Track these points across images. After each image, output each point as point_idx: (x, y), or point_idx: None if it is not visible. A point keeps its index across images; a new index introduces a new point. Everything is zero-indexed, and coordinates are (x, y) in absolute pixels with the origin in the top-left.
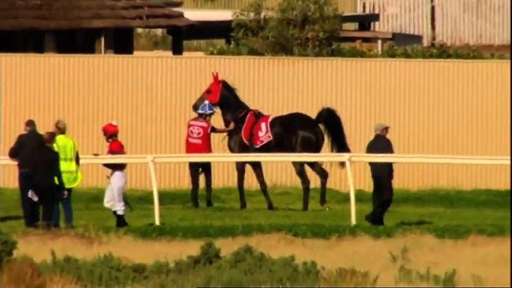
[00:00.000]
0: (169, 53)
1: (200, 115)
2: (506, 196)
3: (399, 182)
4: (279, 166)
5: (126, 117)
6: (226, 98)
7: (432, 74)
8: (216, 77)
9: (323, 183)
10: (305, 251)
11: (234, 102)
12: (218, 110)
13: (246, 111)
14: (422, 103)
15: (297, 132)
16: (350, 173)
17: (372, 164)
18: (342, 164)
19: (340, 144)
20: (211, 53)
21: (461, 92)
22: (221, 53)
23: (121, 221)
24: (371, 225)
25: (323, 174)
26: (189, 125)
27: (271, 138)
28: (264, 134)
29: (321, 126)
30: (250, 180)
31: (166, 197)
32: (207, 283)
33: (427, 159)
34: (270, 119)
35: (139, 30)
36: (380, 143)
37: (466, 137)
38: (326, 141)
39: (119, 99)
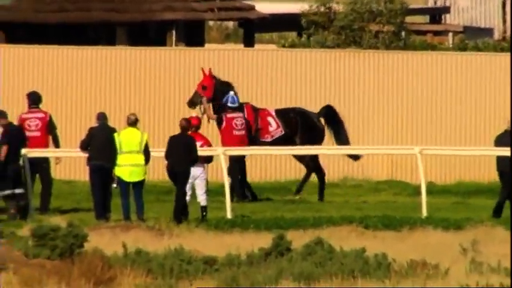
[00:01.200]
0: (241, 46)
1: (234, 108)
2: None
3: (470, 175)
4: (351, 159)
5: (196, 110)
6: (221, 93)
7: (503, 67)
8: (209, 73)
9: (308, 176)
10: (376, 243)
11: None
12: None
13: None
14: (492, 96)
15: (302, 126)
16: (421, 165)
17: (498, 158)
18: (355, 157)
19: (340, 139)
20: (283, 46)
21: None
22: (292, 45)
23: (205, 212)
24: (442, 217)
25: (310, 168)
26: (231, 118)
27: (283, 132)
28: (276, 128)
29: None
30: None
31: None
32: (278, 275)
33: (498, 151)
34: (273, 113)
35: (211, 22)
36: (506, 138)
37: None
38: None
39: (191, 91)
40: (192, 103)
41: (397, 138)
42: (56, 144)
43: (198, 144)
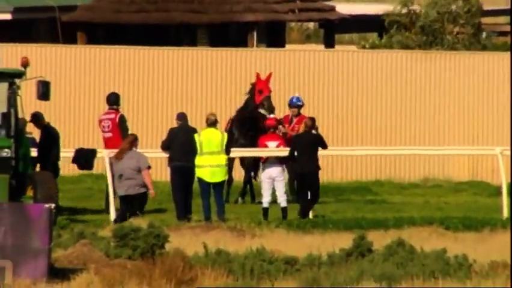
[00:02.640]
0: (321, 47)
1: (299, 107)
2: None
3: None
4: (431, 160)
5: (278, 111)
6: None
7: None
8: (267, 77)
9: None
10: (457, 244)
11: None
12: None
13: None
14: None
15: None
16: (502, 166)
17: None
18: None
19: None
20: (364, 47)
21: None
22: (373, 47)
23: (286, 213)
24: None
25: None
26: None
27: None
28: None
29: None
30: (403, 173)
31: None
32: (359, 276)
33: None
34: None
35: (291, 23)
36: None
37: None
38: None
39: (272, 93)
40: (272, 108)
41: (478, 138)
42: None
43: (274, 144)
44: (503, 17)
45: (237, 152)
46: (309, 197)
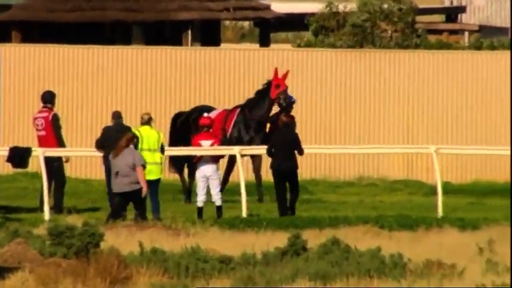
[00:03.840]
0: (256, 45)
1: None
2: None
3: (486, 174)
4: (366, 158)
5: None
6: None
7: None
8: (285, 75)
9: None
10: (392, 243)
11: None
12: None
13: None
14: (507, 95)
15: None
16: (437, 164)
17: None
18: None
19: None
20: (299, 46)
21: None
22: (308, 45)
23: (221, 212)
24: (457, 217)
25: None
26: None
27: None
28: None
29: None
30: (338, 172)
31: (253, 189)
32: (294, 275)
33: None
34: None
35: (226, 22)
36: None
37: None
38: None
39: (206, 91)
40: (291, 102)
41: (412, 137)
42: (59, 144)
43: (208, 143)
44: (437, 15)
45: (169, 151)
46: (288, 193)
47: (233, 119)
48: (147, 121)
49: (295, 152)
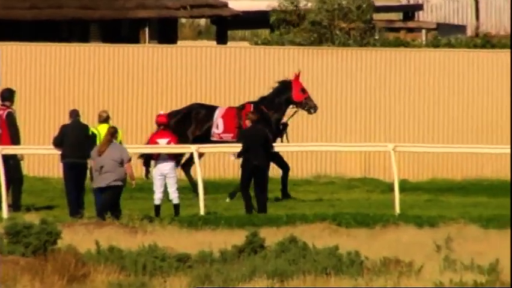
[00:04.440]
0: (214, 43)
1: None
2: None
3: (443, 172)
4: (324, 156)
5: (170, 108)
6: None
7: (476, 64)
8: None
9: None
10: (349, 241)
11: None
12: None
13: None
14: (465, 93)
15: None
16: (394, 162)
17: None
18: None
19: None
20: (256, 43)
21: (505, 82)
22: (265, 43)
23: (178, 210)
24: (415, 214)
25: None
26: None
27: None
28: None
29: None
30: (295, 169)
31: (211, 187)
32: (251, 273)
33: (471, 149)
34: None
35: (183, 20)
36: None
37: (510, 126)
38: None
39: (163, 89)
40: (316, 107)
41: (370, 135)
42: (13, 142)
43: (165, 141)
44: (394, 13)
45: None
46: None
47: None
48: (105, 119)
49: (267, 149)
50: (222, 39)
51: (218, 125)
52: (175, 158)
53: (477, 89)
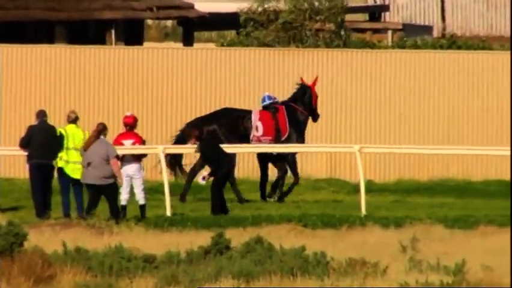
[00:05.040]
0: (180, 45)
1: (265, 108)
2: None
3: (409, 173)
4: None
5: (136, 108)
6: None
7: (441, 65)
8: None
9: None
10: (315, 242)
11: None
12: None
13: None
14: (431, 94)
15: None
16: (360, 163)
17: None
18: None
19: None
20: (222, 45)
21: (471, 83)
22: (231, 44)
23: (144, 211)
24: (381, 215)
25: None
26: None
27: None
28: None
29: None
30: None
31: (177, 188)
32: (217, 273)
33: (437, 150)
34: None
35: (149, 21)
36: None
37: (476, 127)
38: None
39: (130, 90)
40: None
41: (337, 136)
42: None
43: (130, 142)
44: (360, 15)
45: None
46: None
47: (284, 118)
48: (73, 120)
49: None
50: (188, 40)
51: (258, 127)
52: (140, 159)
53: (443, 90)
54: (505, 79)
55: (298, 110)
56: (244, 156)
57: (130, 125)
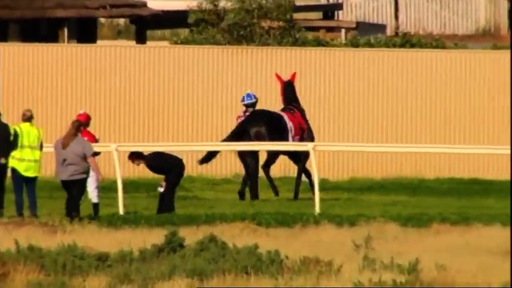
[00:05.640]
0: (133, 43)
1: (246, 106)
2: (469, 184)
3: (363, 171)
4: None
5: (89, 107)
6: (289, 99)
7: (395, 64)
8: (279, 78)
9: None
10: (269, 240)
11: (294, 103)
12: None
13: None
14: (384, 92)
15: None
16: (314, 161)
17: None
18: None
19: None
20: (175, 43)
21: (424, 82)
22: (184, 42)
23: (97, 209)
24: (335, 214)
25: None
26: (237, 118)
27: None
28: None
29: None
30: (215, 169)
31: (130, 186)
32: (171, 272)
33: (391, 148)
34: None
35: (102, 19)
36: None
37: (429, 126)
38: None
39: (83, 88)
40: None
41: None
42: None
43: None
44: (314, 13)
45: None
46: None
47: (302, 117)
48: (28, 118)
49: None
50: (141, 38)
51: (291, 128)
52: (93, 157)
53: (396, 88)
54: (458, 77)
55: (303, 109)
56: (199, 154)
57: (83, 123)
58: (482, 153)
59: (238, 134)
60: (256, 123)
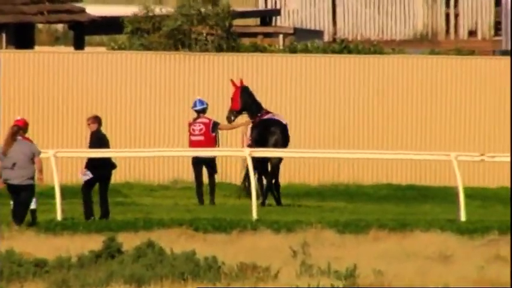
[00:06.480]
0: (71, 49)
1: (198, 112)
2: (407, 190)
3: (299, 177)
4: (181, 161)
5: (28, 113)
6: (246, 104)
7: (332, 70)
8: (234, 84)
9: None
10: (206, 246)
11: (255, 107)
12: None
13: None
14: (322, 98)
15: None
16: (251, 167)
17: None
18: None
19: None
20: (113, 48)
21: (362, 87)
22: (123, 48)
23: (35, 215)
24: (272, 219)
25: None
26: (189, 125)
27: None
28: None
29: None
30: (152, 175)
31: (68, 192)
32: (108, 277)
33: (327, 154)
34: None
35: (40, 25)
36: None
37: (367, 131)
38: None
39: (21, 94)
40: (227, 118)
41: (227, 140)
42: None
43: None
44: (251, 19)
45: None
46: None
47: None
48: None
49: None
50: (79, 44)
51: None
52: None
53: (334, 94)
54: (396, 82)
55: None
56: (136, 159)
57: (21, 127)
58: (419, 159)
59: (257, 143)
60: (274, 132)
